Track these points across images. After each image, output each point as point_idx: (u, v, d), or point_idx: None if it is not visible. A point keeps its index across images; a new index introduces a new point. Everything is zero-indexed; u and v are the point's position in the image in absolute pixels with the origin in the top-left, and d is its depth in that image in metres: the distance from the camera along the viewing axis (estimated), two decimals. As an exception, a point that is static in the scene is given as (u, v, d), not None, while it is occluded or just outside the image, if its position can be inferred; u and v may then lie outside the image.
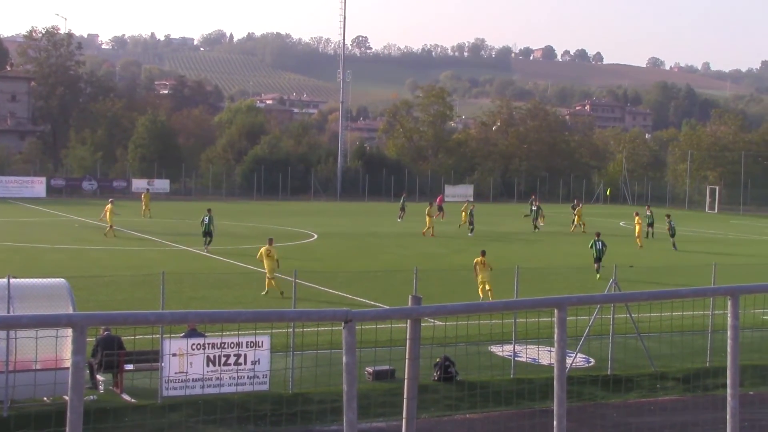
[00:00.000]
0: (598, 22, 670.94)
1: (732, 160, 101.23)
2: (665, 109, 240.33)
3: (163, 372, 16.74)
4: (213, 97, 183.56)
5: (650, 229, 53.19)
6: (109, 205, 47.53)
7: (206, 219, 41.35)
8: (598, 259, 36.54)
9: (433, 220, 52.90)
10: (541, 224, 58.67)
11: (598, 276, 35.26)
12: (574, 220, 58.28)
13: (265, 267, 29.40)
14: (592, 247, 37.18)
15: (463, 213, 57.65)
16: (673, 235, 48.81)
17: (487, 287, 28.57)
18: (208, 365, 16.84)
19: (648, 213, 54.62)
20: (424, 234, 51.63)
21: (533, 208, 60.34)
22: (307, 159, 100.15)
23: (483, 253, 29.53)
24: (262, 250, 29.89)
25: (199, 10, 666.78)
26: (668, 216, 51.10)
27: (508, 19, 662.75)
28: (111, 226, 46.68)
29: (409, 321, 6.28)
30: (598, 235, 38.09)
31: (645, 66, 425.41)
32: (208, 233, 41.30)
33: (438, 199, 67.54)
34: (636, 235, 49.86)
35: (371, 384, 18.36)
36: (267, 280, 29.21)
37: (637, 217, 50.89)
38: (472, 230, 53.05)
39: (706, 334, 21.11)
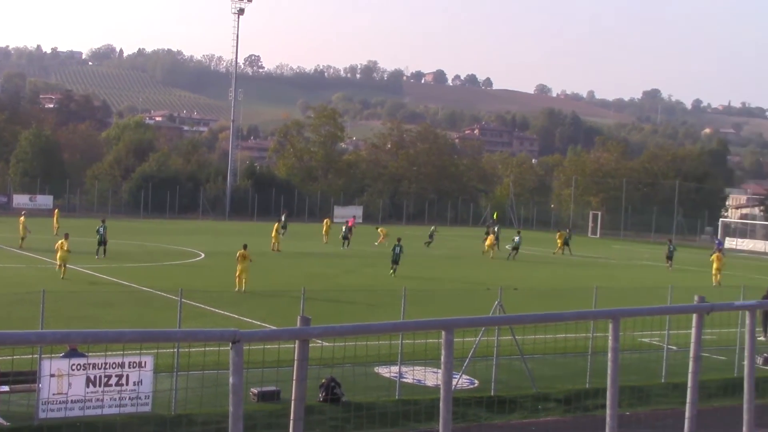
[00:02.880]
0: (488, 48, 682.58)
1: (614, 186, 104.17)
2: (551, 135, 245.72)
3: (41, 393, 16.22)
4: (101, 112, 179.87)
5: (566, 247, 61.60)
6: (22, 218, 50.48)
7: (101, 229, 44.59)
8: (394, 262, 42.19)
9: (279, 237, 55.89)
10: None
11: (393, 274, 41.42)
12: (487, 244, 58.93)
13: (58, 257, 36.18)
14: (393, 249, 42.86)
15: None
16: (515, 249, 55.69)
17: (244, 277, 34.58)
18: (88, 386, 16.38)
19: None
20: (273, 250, 53.44)
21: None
22: (196, 177, 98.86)
23: (245, 247, 35.40)
24: (57, 244, 36.42)
25: (88, 24, 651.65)
26: (519, 232, 59.55)
27: (401, 42, 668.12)
28: (23, 238, 48.83)
29: (297, 342, 6.25)
30: (399, 240, 44.00)
31: (533, 92, 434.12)
32: (102, 242, 44.51)
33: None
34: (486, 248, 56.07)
35: (256, 405, 18.17)
36: (61, 266, 36.10)
37: (490, 236, 57.23)
38: (346, 244, 57.64)
39: (586, 356, 21.57)
